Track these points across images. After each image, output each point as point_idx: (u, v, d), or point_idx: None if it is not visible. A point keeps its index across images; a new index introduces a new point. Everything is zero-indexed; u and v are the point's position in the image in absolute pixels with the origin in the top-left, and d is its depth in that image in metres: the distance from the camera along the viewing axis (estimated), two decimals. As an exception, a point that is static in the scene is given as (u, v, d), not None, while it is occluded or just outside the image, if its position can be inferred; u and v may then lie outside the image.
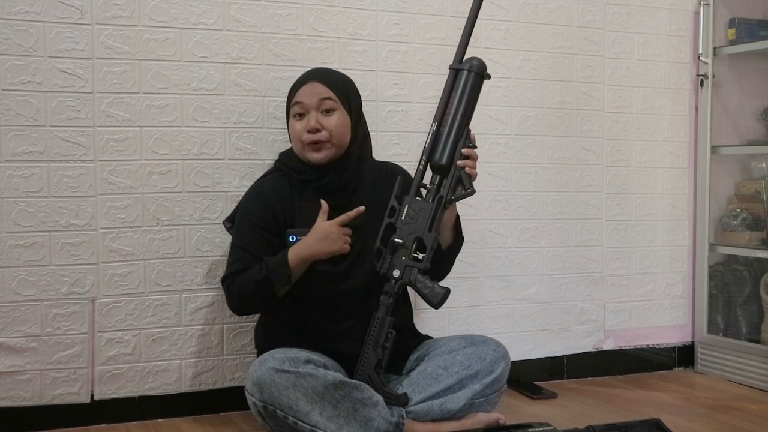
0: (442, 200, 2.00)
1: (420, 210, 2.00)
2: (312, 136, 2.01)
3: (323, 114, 2.03)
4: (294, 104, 2.05)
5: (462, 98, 2.01)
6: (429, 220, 1.99)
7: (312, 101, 2.03)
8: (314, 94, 2.03)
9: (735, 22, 2.83)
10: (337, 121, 2.04)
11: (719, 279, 2.86)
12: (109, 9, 2.13)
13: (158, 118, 2.19)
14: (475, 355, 2.03)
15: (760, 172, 2.90)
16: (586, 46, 2.70)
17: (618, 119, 2.76)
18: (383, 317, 1.99)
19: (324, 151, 2.03)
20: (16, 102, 2.06)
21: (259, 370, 1.85)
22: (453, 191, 2.00)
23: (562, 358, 2.70)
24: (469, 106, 2.01)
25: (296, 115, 2.05)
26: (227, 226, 2.13)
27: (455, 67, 2.04)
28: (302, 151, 2.05)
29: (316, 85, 2.04)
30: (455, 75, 2.03)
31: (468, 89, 2.01)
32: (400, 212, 2.01)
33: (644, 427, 1.94)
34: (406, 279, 1.99)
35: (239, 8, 2.26)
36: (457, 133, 2.00)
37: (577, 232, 2.71)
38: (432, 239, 1.99)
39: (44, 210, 2.10)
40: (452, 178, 2.00)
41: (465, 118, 2.01)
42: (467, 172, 1.99)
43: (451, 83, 2.03)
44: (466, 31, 2.07)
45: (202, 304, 2.25)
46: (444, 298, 1.98)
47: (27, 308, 2.09)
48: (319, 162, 2.03)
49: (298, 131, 2.04)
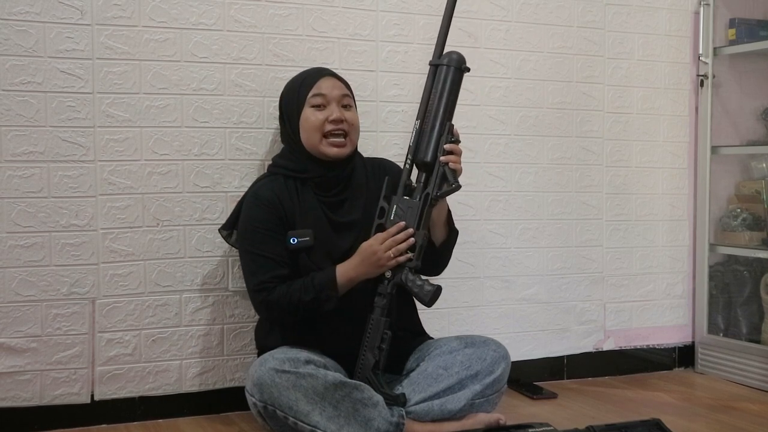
0: (429, 197, 1.99)
1: (408, 209, 1.99)
2: (335, 126, 2.03)
3: (344, 108, 2.06)
4: (314, 95, 2.05)
5: (443, 94, 2.00)
6: (417, 219, 1.98)
7: (335, 94, 2.05)
8: (336, 87, 2.06)
9: (735, 22, 2.83)
10: (355, 117, 2.09)
11: (719, 279, 2.86)
12: (109, 9, 2.13)
13: (158, 119, 2.19)
14: (475, 356, 2.03)
15: (760, 173, 2.90)
16: (586, 46, 2.70)
17: (618, 119, 2.76)
18: (378, 318, 1.99)
19: (346, 147, 2.05)
20: (16, 102, 2.06)
21: (259, 371, 1.85)
22: (439, 188, 1.98)
23: (562, 359, 2.70)
24: (449, 101, 2.00)
25: (315, 106, 2.04)
26: (224, 234, 2.13)
27: (434, 63, 2.03)
28: (319, 144, 2.04)
29: (335, 81, 2.08)
30: (435, 71, 2.02)
31: (448, 84, 2.00)
32: (388, 212, 2.01)
33: (644, 427, 1.94)
34: (397, 279, 1.98)
35: (239, 8, 2.26)
36: (439, 129, 1.99)
37: (577, 232, 2.71)
38: (421, 237, 1.98)
39: (44, 210, 2.10)
40: (437, 174, 1.98)
41: (446, 113, 2.00)
42: (451, 167, 1.97)
43: (431, 79, 2.03)
44: (444, 26, 2.06)
45: (203, 304, 2.25)
46: (435, 296, 1.97)
47: (27, 309, 2.09)
48: (338, 157, 2.04)
49: (317, 121, 2.03)
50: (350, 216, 2.07)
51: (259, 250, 2.00)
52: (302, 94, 2.06)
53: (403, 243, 1.95)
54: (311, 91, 2.05)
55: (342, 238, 2.06)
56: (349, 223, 2.07)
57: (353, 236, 2.05)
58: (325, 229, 2.05)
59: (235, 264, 2.27)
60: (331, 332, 2.03)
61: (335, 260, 2.02)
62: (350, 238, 2.05)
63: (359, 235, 2.05)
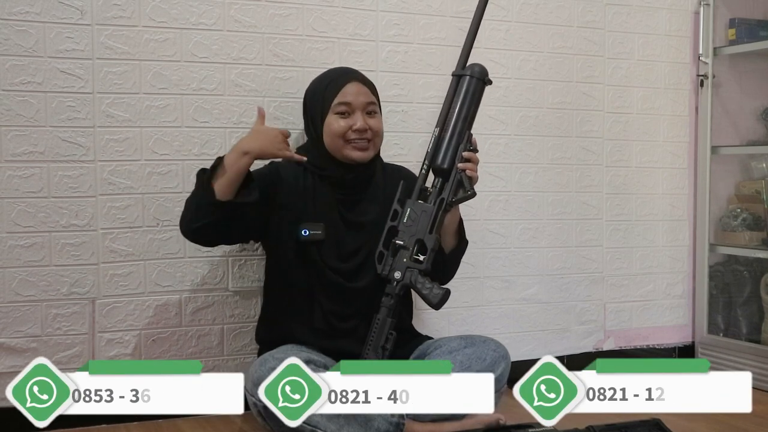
0: (443, 202, 2.02)
1: (421, 213, 2.02)
2: (359, 135, 2.04)
3: (368, 115, 2.07)
4: (339, 103, 2.05)
5: (464, 103, 2.05)
6: (430, 222, 2.02)
7: (359, 102, 2.05)
8: (361, 94, 2.06)
9: (735, 22, 2.83)
10: (379, 124, 2.10)
11: (719, 279, 2.86)
12: (109, 9, 2.13)
13: (158, 119, 2.19)
14: (475, 356, 2.03)
15: (760, 172, 2.90)
16: (586, 46, 2.70)
17: (618, 119, 2.76)
18: (384, 318, 2.00)
19: (369, 150, 2.07)
20: (16, 102, 2.06)
21: (259, 370, 1.85)
22: (454, 194, 2.03)
23: (562, 359, 2.69)
24: (470, 111, 2.05)
25: (340, 113, 2.04)
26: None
27: (457, 73, 2.08)
28: (342, 148, 2.05)
29: (361, 86, 2.08)
30: (458, 81, 2.07)
31: (470, 94, 2.06)
32: (402, 215, 2.03)
33: (644, 427, 1.94)
34: (406, 280, 2.00)
35: (239, 8, 2.26)
36: (458, 137, 2.04)
37: (577, 232, 2.71)
38: (433, 241, 2.01)
39: (44, 210, 2.10)
40: (453, 180, 2.03)
41: (466, 122, 2.05)
42: (468, 174, 2.03)
43: (453, 89, 2.07)
44: (469, 38, 2.10)
45: (203, 304, 2.25)
46: (444, 299, 2.00)
47: (27, 309, 2.09)
48: (361, 161, 2.06)
49: (340, 129, 2.04)
50: (364, 216, 2.09)
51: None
52: (327, 100, 2.06)
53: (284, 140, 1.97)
54: (336, 98, 2.05)
55: (355, 236, 2.08)
56: (361, 222, 2.08)
57: (364, 237, 2.07)
58: (338, 226, 2.06)
59: (236, 264, 2.27)
60: (336, 329, 2.04)
61: (345, 257, 2.04)
62: (361, 238, 2.07)
63: (370, 236, 2.06)
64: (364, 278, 2.06)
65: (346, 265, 2.06)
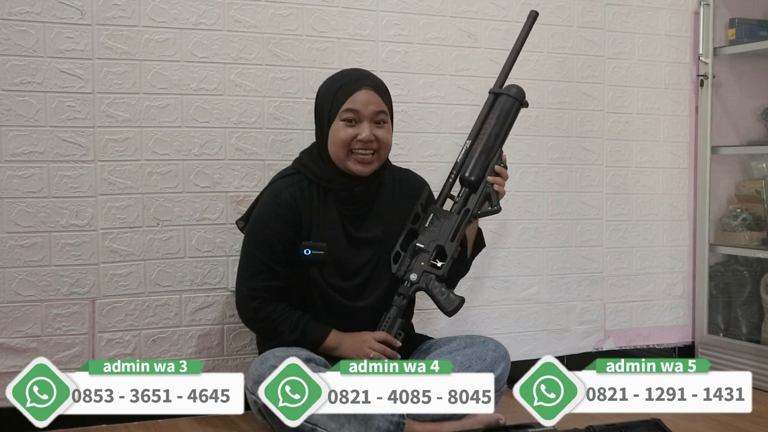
0: (468, 213, 2.03)
1: (444, 220, 2.03)
2: (364, 146, 1.97)
3: (376, 125, 1.99)
4: (346, 110, 1.96)
5: (499, 120, 2.07)
6: (453, 231, 2.02)
7: (368, 111, 1.97)
8: (371, 104, 1.97)
9: (735, 22, 2.83)
10: (387, 135, 2.02)
11: (719, 279, 2.86)
12: (109, 9, 2.13)
13: (158, 119, 2.19)
14: (475, 356, 2.03)
15: (760, 172, 2.90)
16: (586, 46, 2.70)
17: (618, 119, 2.76)
18: (394, 317, 2.00)
19: (373, 164, 2.00)
20: (16, 102, 2.06)
21: (260, 369, 1.85)
22: (480, 206, 2.04)
23: (562, 359, 2.69)
24: (504, 128, 2.07)
25: (346, 120, 1.97)
26: (240, 226, 2.09)
27: (495, 91, 2.10)
28: (345, 159, 1.98)
29: (372, 95, 1.98)
30: (495, 98, 2.09)
31: (506, 113, 2.08)
32: (424, 219, 2.04)
33: (644, 427, 1.94)
34: (422, 284, 2.01)
35: (239, 8, 2.26)
36: (490, 151, 2.05)
37: (577, 232, 2.71)
38: (453, 249, 2.01)
39: (44, 210, 2.10)
40: (481, 193, 2.04)
41: (500, 139, 2.07)
42: (496, 189, 2.03)
43: (489, 105, 2.09)
44: (511, 57, 2.14)
45: (203, 304, 2.25)
46: (458, 307, 2.00)
47: (27, 308, 2.09)
48: (361, 174, 1.99)
49: (346, 137, 1.96)
50: (370, 232, 2.06)
51: (262, 255, 1.98)
52: (336, 104, 1.98)
53: (387, 356, 1.95)
54: (345, 104, 1.96)
55: (359, 254, 2.05)
56: (368, 239, 2.05)
57: (370, 252, 2.05)
58: (342, 245, 2.03)
59: (235, 264, 2.26)
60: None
61: (348, 275, 2.03)
62: (368, 254, 2.05)
63: (377, 252, 2.05)
64: (367, 298, 2.05)
65: (349, 284, 2.03)
